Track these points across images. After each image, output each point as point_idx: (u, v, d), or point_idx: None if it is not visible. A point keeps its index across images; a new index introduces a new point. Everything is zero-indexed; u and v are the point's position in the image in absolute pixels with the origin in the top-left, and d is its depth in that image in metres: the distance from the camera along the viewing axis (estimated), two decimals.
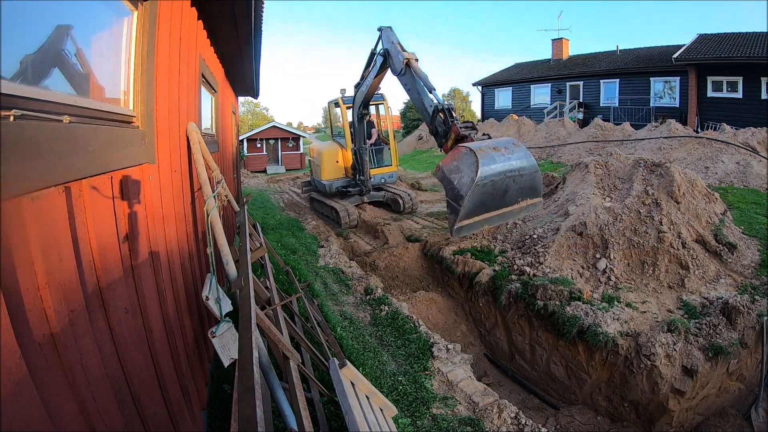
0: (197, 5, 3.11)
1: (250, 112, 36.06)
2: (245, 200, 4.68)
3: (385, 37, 5.93)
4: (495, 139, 4.56)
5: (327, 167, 8.95)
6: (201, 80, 3.51)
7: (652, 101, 18.61)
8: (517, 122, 19.32)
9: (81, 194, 1.22)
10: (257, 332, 1.61)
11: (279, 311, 2.49)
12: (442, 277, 6.51)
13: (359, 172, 8.66)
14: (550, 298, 4.85)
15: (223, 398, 2.74)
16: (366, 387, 2.43)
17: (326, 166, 8.95)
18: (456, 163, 4.11)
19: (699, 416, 4.17)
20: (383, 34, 5.97)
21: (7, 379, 0.81)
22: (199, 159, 2.51)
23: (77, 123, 1.22)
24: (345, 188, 8.92)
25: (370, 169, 8.69)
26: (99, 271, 1.32)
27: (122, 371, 1.40)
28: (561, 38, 24.06)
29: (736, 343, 4.03)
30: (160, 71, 1.99)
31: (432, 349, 3.92)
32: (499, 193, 4.17)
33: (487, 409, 3.16)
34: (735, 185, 9.32)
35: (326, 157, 8.97)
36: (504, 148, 4.27)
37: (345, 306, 4.91)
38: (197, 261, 2.76)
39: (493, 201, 4.16)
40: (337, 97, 8.87)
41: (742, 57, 14.82)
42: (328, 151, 9.04)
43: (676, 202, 5.82)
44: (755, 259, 5.52)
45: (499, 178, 4.08)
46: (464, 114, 45.70)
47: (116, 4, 1.66)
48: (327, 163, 8.95)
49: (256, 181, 17.10)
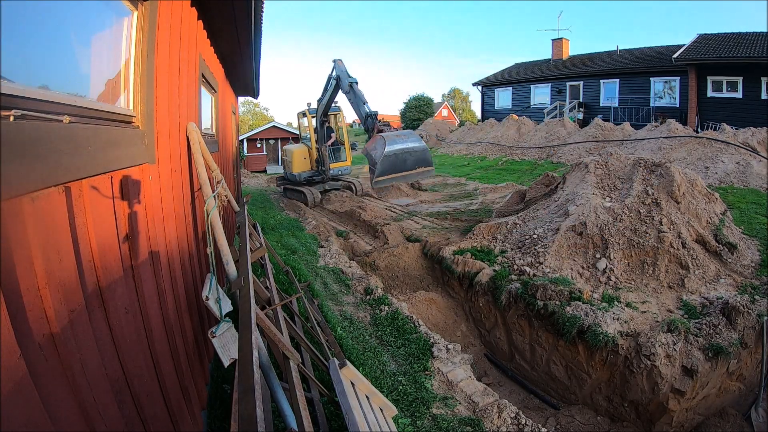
0: (197, 5, 3.11)
1: (250, 112, 36.07)
2: (245, 200, 4.68)
3: (338, 67, 8.40)
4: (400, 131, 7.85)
5: (296, 162, 11.54)
6: (201, 80, 3.51)
7: (652, 101, 18.61)
8: (517, 122, 19.32)
9: (81, 194, 1.22)
10: (257, 332, 1.61)
11: (279, 311, 2.49)
12: (442, 277, 6.51)
13: (321, 164, 11.38)
14: (550, 298, 4.85)
15: (223, 398, 2.73)
16: (366, 387, 2.43)
17: (296, 161, 11.54)
18: (374, 144, 6.71)
19: (699, 416, 4.17)
20: (336, 64, 8.46)
21: (7, 379, 0.81)
22: (199, 159, 2.51)
23: (77, 123, 1.22)
24: (311, 177, 11.64)
25: (329, 163, 11.40)
26: (99, 271, 1.32)
27: (122, 371, 1.39)
28: (561, 38, 24.08)
29: (736, 343, 4.03)
30: (160, 71, 1.99)
31: (432, 349, 3.92)
32: (400, 162, 6.60)
33: (487, 409, 3.16)
34: (735, 185, 9.32)
35: (296, 155, 11.61)
36: (404, 135, 7.07)
37: (345, 306, 4.91)
38: (197, 261, 2.76)
39: (397, 167, 6.58)
40: (305, 108, 11.45)
41: (742, 57, 14.82)
42: (298, 150, 11.70)
43: (676, 202, 5.82)
44: (755, 259, 5.51)
45: (399, 152, 6.54)
46: (464, 114, 45.64)
47: (116, 4, 1.66)
48: (297, 159, 11.55)
49: (256, 181, 17.11)
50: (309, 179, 11.65)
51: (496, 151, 17.74)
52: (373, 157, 6.53)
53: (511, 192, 9.53)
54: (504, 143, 18.11)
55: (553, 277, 5.17)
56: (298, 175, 11.55)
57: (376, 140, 6.70)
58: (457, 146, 20.46)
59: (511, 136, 18.55)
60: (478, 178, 13.55)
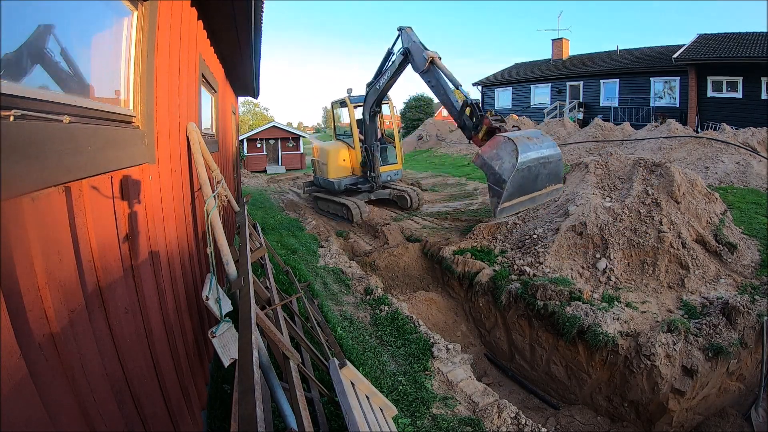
0: (197, 5, 3.11)
1: (250, 112, 36.06)
2: (245, 200, 4.68)
3: (405, 37, 6.04)
4: (525, 130, 5.15)
5: (334, 166, 9.04)
6: (201, 80, 3.51)
7: (652, 101, 18.61)
8: (517, 122, 19.30)
9: (81, 194, 1.22)
10: (257, 332, 1.61)
11: (279, 311, 2.49)
12: (442, 277, 6.51)
13: (370, 169, 8.75)
14: (550, 298, 4.85)
15: (223, 398, 2.73)
16: (366, 387, 2.43)
17: (333, 164, 9.04)
18: (495, 151, 4.68)
19: (699, 416, 4.17)
20: (403, 34, 6.10)
21: (7, 379, 0.81)
22: (199, 159, 2.51)
23: (77, 123, 1.22)
24: (354, 185, 9.05)
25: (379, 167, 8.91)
26: (99, 271, 1.32)
27: (122, 371, 1.39)
28: (561, 38, 24.07)
29: (736, 343, 4.03)
30: (160, 71, 1.99)
31: (432, 349, 3.92)
32: (533, 178, 4.81)
33: (487, 409, 3.16)
34: (735, 185, 9.32)
35: (332, 156, 9.06)
36: (535, 138, 4.98)
37: (345, 306, 4.91)
38: (197, 261, 2.76)
39: (528, 185, 4.79)
40: (344, 97, 8.91)
41: (742, 57, 14.82)
42: (334, 150, 9.12)
43: (676, 202, 5.82)
44: (755, 259, 5.51)
45: (534, 164, 4.69)
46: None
47: (116, 4, 1.66)
48: (334, 162, 9.05)
49: (256, 181, 17.10)
50: (351, 187, 9.10)
51: None
52: (497, 169, 4.60)
53: None
54: None
55: (553, 277, 5.17)
56: (337, 182, 8.92)
57: (498, 144, 4.73)
58: (457, 146, 20.46)
59: None
60: (478, 177, 13.53)
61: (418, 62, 5.75)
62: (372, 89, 7.86)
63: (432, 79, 5.58)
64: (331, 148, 9.32)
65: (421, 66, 5.65)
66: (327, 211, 9.54)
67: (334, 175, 9.02)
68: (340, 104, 9.37)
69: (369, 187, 9.03)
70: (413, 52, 5.86)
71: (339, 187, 8.96)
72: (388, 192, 9.35)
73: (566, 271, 5.36)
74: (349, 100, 8.79)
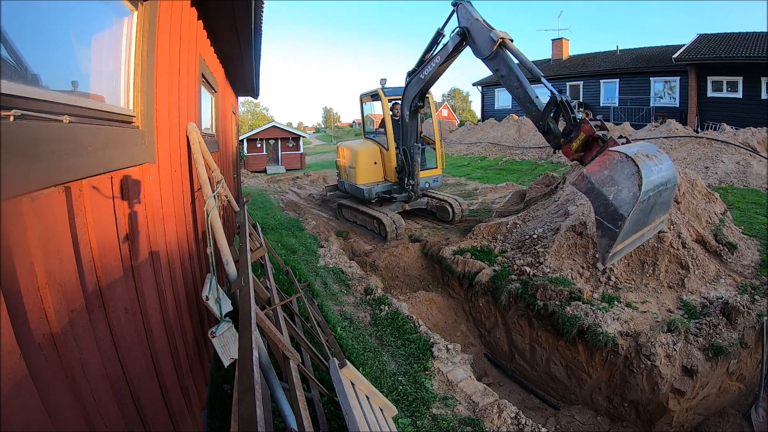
0: (197, 5, 3.11)
1: (250, 112, 36.10)
2: (245, 200, 4.68)
3: (463, 13, 4.85)
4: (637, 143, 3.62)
5: (363, 170, 7.75)
6: (201, 80, 3.51)
7: (652, 101, 18.61)
8: (517, 122, 19.33)
9: (81, 194, 1.22)
10: (257, 332, 1.61)
11: (279, 311, 2.49)
12: (442, 277, 6.51)
13: (408, 175, 7.28)
14: (550, 298, 4.85)
15: (223, 398, 2.74)
16: (366, 387, 2.43)
17: (363, 168, 7.76)
18: (608, 172, 3.24)
19: (699, 416, 4.17)
20: (460, 9, 4.92)
21: (7, 379, 0.81)
22: (199, 159, 2.51)
23: (77, 123, 1.22)
24: (388, 193, 7.70)
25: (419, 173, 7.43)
26: (99, 271, 1.32)
27: (122, 371, 1.39)
28: (561, 38, 24.08)
29: (736, 343, 4.03)
30: (160, 71, 1.99)
31: (432, 349, 3.92)
32: (648, 211, 3.38)
33: (487, 409, 3.16)
34: (735, 185, 9.32)
35: (362, 158, 7.77)
36: (653, 155, 3.46)
37: (345, 306, 4.91)
38: (197, 261, 2.76)
39: (642, 220, 3.41)
40: (376, 89, 7.52)
41: (742, 57, 14.82)
42: (364, 152, 7.81)
43: (676, 202, 5.82)
44: (755, 259, 5.51)
45: (654, 193, 3.30)
46: (464, 113, 45.67)
47: (116, 4, 1.66)
48: (363, 165, 7.76)
49: (256, 181, 17.09)
50: (384, 195, 7.74)
51: (496, 151, 17.76)
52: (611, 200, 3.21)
53: (511, 192, 9.53)
54: (504, 143, 18.12)
55: (553, 277, 5.17)
56: (367, 189, 7.59)
57: (613, 163, 3.24)
58: (457, 146, 20.47)
59: (511, 136, 18.57)
60: (478, 178, 13.55)
61: (482, 45, 4.47)
62: (414, 79, 6.32)
63: (502, 66, 4.26)
64: (360, 148, 7.92)
65: (486, 50, 4.36)
66: (353, 221, 8.40)
67: (364, 181, 7.70)
68: (371, 97, 7.95)
69: (405, 197, 7.63)
70: (474, 32, 4.59)
71: (369, 195, 7.61)
72: (426, 201, 8.08)
73: (566, 271, 5.36)
74: (383, 93, 7.39)
